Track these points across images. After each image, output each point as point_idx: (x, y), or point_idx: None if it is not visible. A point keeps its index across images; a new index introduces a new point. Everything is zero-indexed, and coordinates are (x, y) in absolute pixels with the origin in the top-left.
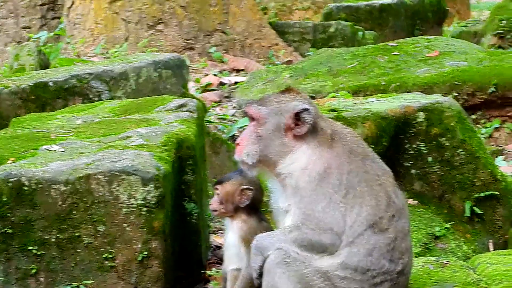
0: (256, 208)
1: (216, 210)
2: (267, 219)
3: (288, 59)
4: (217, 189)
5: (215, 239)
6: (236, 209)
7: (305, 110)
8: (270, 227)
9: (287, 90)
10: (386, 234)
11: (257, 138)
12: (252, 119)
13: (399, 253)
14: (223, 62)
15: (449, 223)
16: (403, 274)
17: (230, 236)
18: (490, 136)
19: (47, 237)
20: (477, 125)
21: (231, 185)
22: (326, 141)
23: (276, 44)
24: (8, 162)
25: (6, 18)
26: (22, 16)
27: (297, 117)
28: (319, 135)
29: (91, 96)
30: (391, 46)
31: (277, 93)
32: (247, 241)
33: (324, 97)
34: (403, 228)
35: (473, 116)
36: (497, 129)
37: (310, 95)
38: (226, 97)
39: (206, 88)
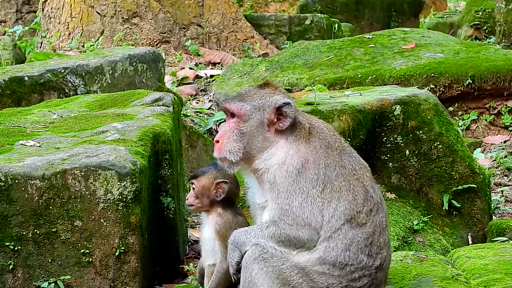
0: (232, 202)
1: (192, 205)
2: (243, 213)
3: (264, 52)
4: (192, 183)
5: (192, 233)
6: (211, 203)
7: (287, 104)
8: (246, 222)
9: (266, 84)
10: (364, 228)
11: (240, 135)
12: (232, 115)
13: (377, 248)
14: (199, 55)
15: (427, 217)
16: (381, 269)
17: (206, 230)
18: (468, 128)
19: (24, 233)
20: (454, 117)
21: (207, 179)
22: (304, 135)
23: (252, 37)
24: None
25: None
26: None
27: (279, 111)
28: (297, 130)
29: (67, 91)
30: (367, 38)
31: (256, 88)
32: (222, 235)
33: (300, 90)
34: (380, 223)
35: (450, 108)
36: (474, 121)
37: (287, 88)
38: (202, 90)
39: (182, 82)
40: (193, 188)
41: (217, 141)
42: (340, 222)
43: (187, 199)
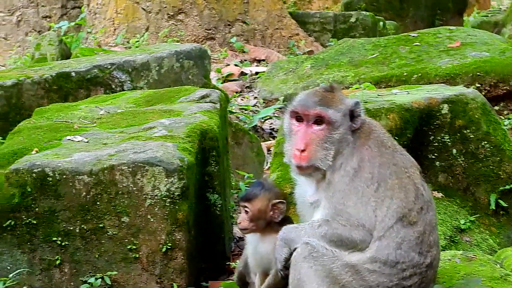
0: (286, 218)
1: (246, 229)
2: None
3: (309, 49)
4: (246, 206)
5: (238, 230)
6: (268, 225)
7: (358, 103)
8: None
9: (332, 87)
10: (415, 227)
11: (331, 142)
12: (318, 122)
13: (427, 246)
14: (244, 52)
15: (474, 216)
16: (431, 267)
17: (261, 247)
18: None
19: (71, 228)
20: (500, 116)
21: (261, 202)
22: (361, 134)
23: (297, 34)
24: (32, 152)
25: (27, 8)
26: (43, 6)
27: (352, 113)
28: (359, 129)
29: (113, 87)
30: (413, 36)
31: (326, 92)
32: None
33: (346, 87)
34: (430, 221)
35: (496, 108)
36: None
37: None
38: (248, 87)
39: (227, 78)
40: (246, 212)
41: (303, 150)
42: (392, 221)
43: (240, 222)
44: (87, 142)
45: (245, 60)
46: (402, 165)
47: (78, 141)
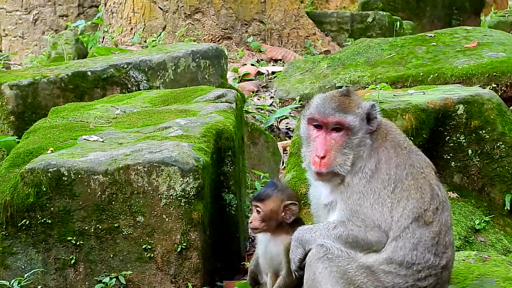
0: (298, 219)
1: (257, 228)
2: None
3: (325, 49)
4: (258, 206)
5: None
6: (279, 225)
7: (373, 106)
8: None
9: (349, 91)
10: (431, 227)
11: (350, 148)
12: (338, 129)
13: (443, 247)
14: (260, 51)
15: (489, 216)
16: (446, 269)
17: (271, 247)
18: None
19: (86, 228)
20: None
21: (274, 203)
22: (378, 135)
23: (314, 34)
24: (48, 152)
25: (44, 6)
26: (60, 5)
27: (369, 115)
28: (376, 131)
29: (129, 86)
30: (429, 36)
31: (342, 97)
32: (288, 250)
33: (362, 87)
34: (446, 222)
35: None
36: None
37: (348, 85)
38: (264, 87)
39: (243, 78)
40: (258, 211)
41: (323, 157)
42: (408, 221)
43: (251, 222)
44: (102, 141)
45: (262, 60)
46: (418, 165)
47: (94, 140)
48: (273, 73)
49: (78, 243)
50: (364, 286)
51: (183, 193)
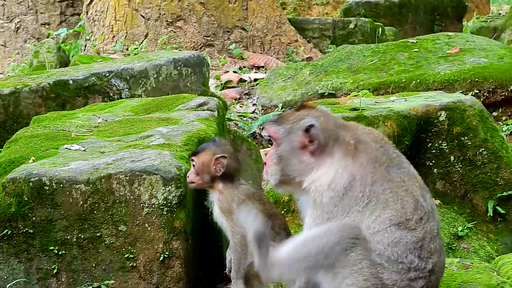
0: (233, 177)
1: (193, 182)
2: (247, 182)
3: (308, 56)
4: (192, 160)
5: None
6: (212, 180)
7: (312, 126)
8: (252, 191)
9: (302, 106)
10: (413, 232)
11: (277, 159)
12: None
13: (427, 253)
14: (243, 59)
15: (472, 223)
16: (434, 273)
17: (214, 209)
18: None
19: (68, 237)
20: (498, 123)
21: (206, 155)
22: (350, 151)
23: (296, 41)
24: (29, 161)
25: (26, 15)
26: (41, 13)
27: (307, 134)
28: (342, 146)
29: (111, 94)
30: (411, 42)
31: (293, 111)
32: (225, 210)
33: (345, 94)
34: (431, 230)
35: (494, 113)
36: None
37: (330, 92)
38: (246, 94)
39: (226, 85)
40: (193, 165)
41: (265, 164)
42: (384, 225)
43: (188, 176)
44: (84, 150)
45: (244, 67)
46: (399, 179)
47: (76, 149)
48: (255, 80)
49: (60, 253)
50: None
51: (165, 202)
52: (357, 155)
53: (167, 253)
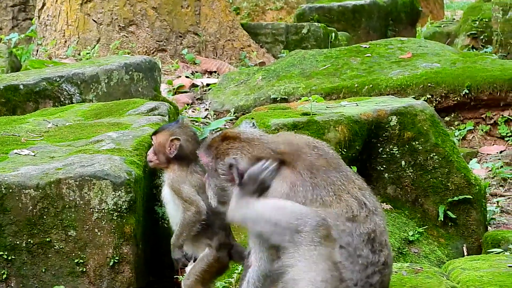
0: (190, 160)
1: (151, 161)
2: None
3: (260, 61)
4: (152, 139)
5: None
6: (168, 161)
7: (232, 165)
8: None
9: (225, 137)
10: (364, 224)
11: (212, 185)
12: None
13: (379, 245)
14: (195, 63)
15: (423, 228)
16: (387, 266)
17: (164, 190)
18: (464, 138)
19: (17, 242)
20: (451, 127)
21: (163, 136)
22: (287, 166)
23: (249, 46)
24: None
25: None
26: None
27: (230, 171)
28: (282, 165)
29: (62, 99)
30: (364, 47)
31: (219, 139)
32: (176, 190)
33: (297, 99)
34: (379, 224)
35: (447, 118)
36: (470, 131)
37: (283, 97)
38: (199, 99)
39: (178, 90)
40: (153, 145)
41: None
42: (335, 220)
43: (148, 154)
44: (34, 155)
45: (197, 72)
46: (339, 182)
47: (25, 154)
48: (208, 85)
49: (9, 258)
50: None
51: (115, 207)
52: (294, 164)
53: (117, 258)
